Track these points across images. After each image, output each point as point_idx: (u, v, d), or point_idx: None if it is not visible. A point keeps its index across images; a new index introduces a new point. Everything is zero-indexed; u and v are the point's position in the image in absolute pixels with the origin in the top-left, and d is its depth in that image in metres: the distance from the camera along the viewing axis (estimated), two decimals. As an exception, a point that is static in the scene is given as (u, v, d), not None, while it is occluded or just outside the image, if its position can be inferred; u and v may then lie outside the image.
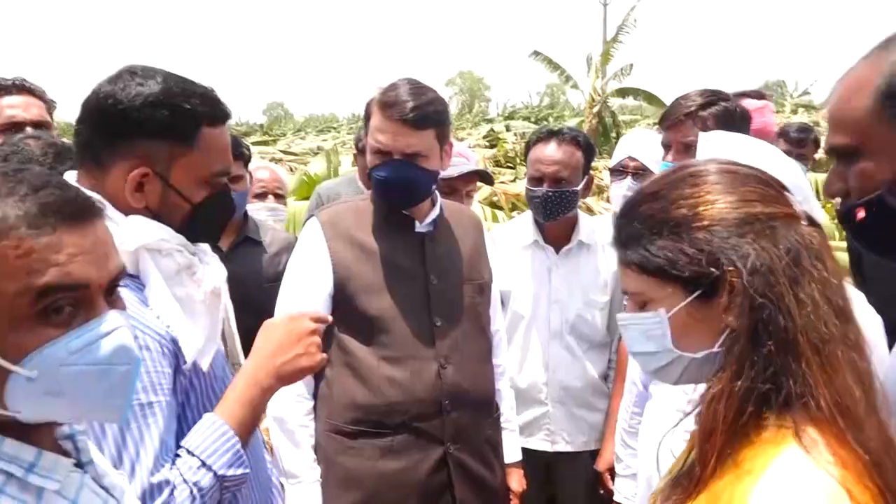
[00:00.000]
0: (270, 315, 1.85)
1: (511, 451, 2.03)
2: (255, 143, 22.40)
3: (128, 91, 1.16)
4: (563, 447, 2.33)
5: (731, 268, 0.87)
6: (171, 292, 1.16)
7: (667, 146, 2.02)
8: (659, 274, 0.92)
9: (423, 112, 1.72)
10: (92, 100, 1.19)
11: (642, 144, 2.52)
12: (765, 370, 0.84)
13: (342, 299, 1.78)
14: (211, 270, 1.24)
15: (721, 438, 0.85)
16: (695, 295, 0.90)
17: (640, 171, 2.43)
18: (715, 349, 0.91)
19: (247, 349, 2.14)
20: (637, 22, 15.65)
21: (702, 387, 0.93)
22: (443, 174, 1.92)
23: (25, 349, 0.76)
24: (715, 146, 1.68)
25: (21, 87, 2.31)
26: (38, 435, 0.81)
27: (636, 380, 1.90)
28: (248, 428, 1.20)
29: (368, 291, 1.77)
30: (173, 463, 1.12)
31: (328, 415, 1.80)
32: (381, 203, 1.84)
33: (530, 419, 2.31)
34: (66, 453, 0.83)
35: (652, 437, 1.76)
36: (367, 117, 1.79)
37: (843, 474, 0.78)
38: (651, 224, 0.93)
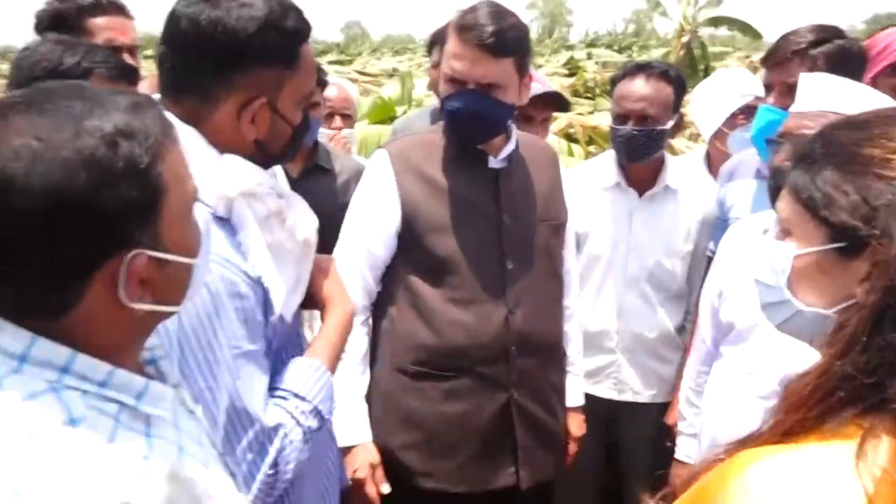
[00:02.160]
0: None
1: (573, 395, 1.98)
2: (331, 63, 22.36)
3: (237, 15, 1.06)
4: (629, 397, 2.27)
5: (883, 237, 0.74)
6: (262, 238, 1.12)
7: (769, 87, 1.84)
8: (810, 207, 0.82)
9: (503, 37, 1.59)
10: (190, 27, 1.07)
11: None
12: (874, 363, 0.71)
13: (409, 238, 1.72)
14: (301, 217, 1.20)
15: (795, 416, 0.74)
16: (834, 246, 0.80)
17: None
18: (830, 312, 0.81)
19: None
20: (738, -56, 14.51)
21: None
22: None
23: (196, 244, 0.84)
24: (814, 91, 1.51)
25: (115, 6, 2.07)
26: (129, 361, 0.81)
27: (705, 337, 1.80)
28: (335, 369, 1.26)
29: (437, 230, 1.70)
30: (279, 405, 1.13)
31: (392, 353, 1.77)
32: (452, 136, 1.75)
33: (598, 366, 2.25)
34: (149, 377, 0.83)
35: (719, 398, 1.68)
36: (443, 42, 1.68)
37: (882, 492, 0.65)
38: (834, 151, 0.82)
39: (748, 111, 2.37)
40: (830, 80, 1.57)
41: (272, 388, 1.16)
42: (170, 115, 0.82)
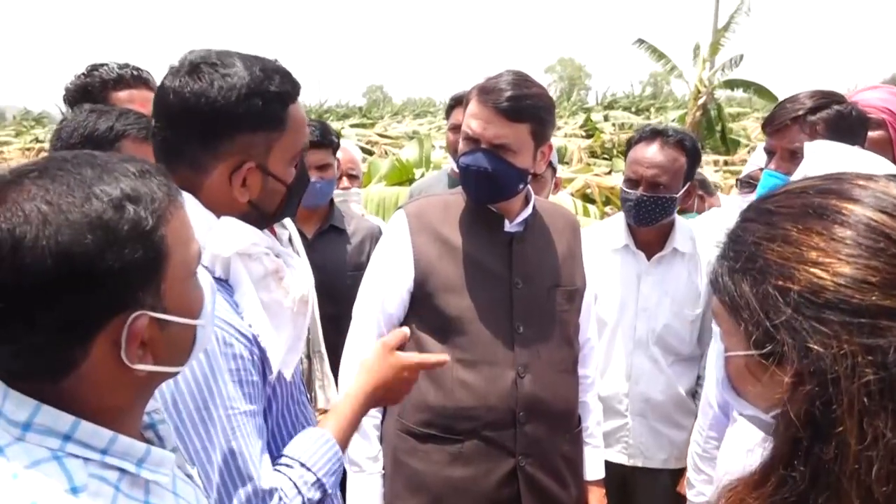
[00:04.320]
0: (352, 303, 1.87)
1: (593, 468, 1.94)
2: (354, 126, 22.90)
3: (218, 86, 1.09)
4: (640, 462, 2.23)
5: (790, 353, 0.66)
6: (258, 298, 1.14)
7: (770, 152, 1.85)
8: (727, 307, 0.74)
9: (519, 104, 1.63)
10: (175, 101, 1.10)
11: None
12: (798, 483, 0.66)
13: (421, 296, 1.74)
14: (298, 276, 1.22)
15: None
16: (751, 353, 0.71)
17: None
18: (766, 418, 0.75)
19: (327, 337, 2.18)
20: (751, 10, 14.80)
21: None
22: None
23: (198, 306, 0.85)
24: (821, 160, 1.53)
25: (139, 80, 2.08)
26: (129, 425, 0.82)
27: (712, 401, 1.77)
28: (346, 446, 1.26)
29: (448, 290, 1.72)
30: (282, 471, 1.14)
31: (399, 413, 1.77)
32: (465, 194, 1.78)
33: (608, 430, 2.21)
34: (148, 442, 0.84)
35: (735, 464, 1.64)
36: (465, 104, 1.73)
37: None
38: (741, 246, 0.73)
39: (749, 183, 2.39)
40: (834, 148, 1.59)
41: (279, 455, 1.17)
42: None
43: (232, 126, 1.11)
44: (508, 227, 1.77)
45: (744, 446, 1.57)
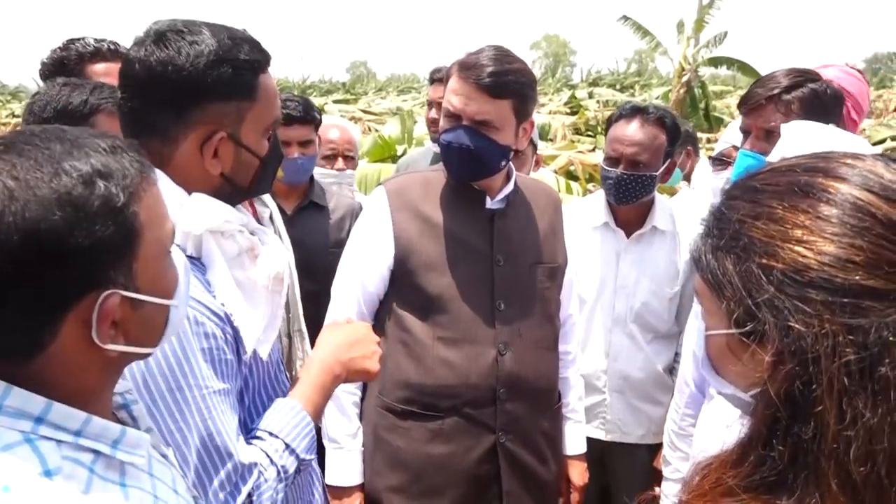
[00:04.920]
0: (331, 280, 1.86)
1: (574, 443, 1.96)
2: (337, 102, 22.67)
3: (185, 53, 1.06)
4: (618, 437, 2.26)
5: (771, 332, 0.65)
6: (232, 276, 1.12)
7: (746, 132, 1.85)
8: (709, 285, 0.73)
9: (501, 80, 1.61)
10: (141, 70, 1.07)
11: None
12: (777, 462, 0.66)
13: (402, 274, 1.73)
14: (273, 253, 1.20)
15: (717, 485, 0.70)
16: (732, 332, 0.71)
17: None
18: (745, 397, 0.74)
19: (307, 314, 2.17)
20: (736, -14, 14.75)
21: None
22: None
23: (172, 286, 0.84)
24: (798, 139, 1.53)
25: (115, 53, 2.06)
26: (100, 405, 0.80)
27: (688, 379, 1.78)
28: (319, 412, 1.25)
29: (429, 268, 1.71)
30: (254, 444, 1.13)
31: (380, 390, 1.77)
32: (446, 171, 1.76)
33: (587, 405, 2.22)
34: (121, 422, 0.83)
35: (709, 442, 1.66)
36: (447, 79, 1.70)
37: None
38: (725, 224, 0.72)
39: (722, 161, 2.40)
40: (811, 127, 1.59)
41: (250, 429, 1.17)
42: None
43: (201, 94, 1.08)
44: (490, 203, 1.76)
45: (721, 423, 1.59)
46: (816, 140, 1.55)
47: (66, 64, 2.01)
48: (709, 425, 1.68)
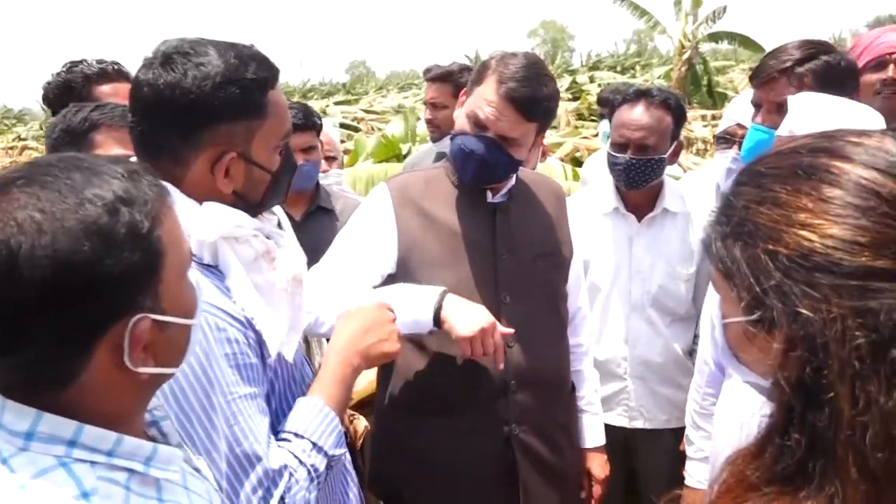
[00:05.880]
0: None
1: (593, 435, 1.95)
2: (338, 103, 22.70)
3: (192, 76, 1.07)
4: (641, 424, 2.24)
5: (779, 318, 0.64)
6: (250, 280, 1.12)
7: (757, 105, 1.83)
8: (721, 272, 0.73)
9: (538, 105, 1.62)
10: (150, 93, 1.09)
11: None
12: (795, 452, 0.65)
13: (406, 271, 1.71)
14: (289, 255, 1.20)
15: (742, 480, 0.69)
16: (745, 319, 0.70)
17: None
18: (763, 382, 0.73)
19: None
20: (732, -40, 14.61)
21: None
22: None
23: (193, 305, 0.85)
24: (807, 112, 1.51)
25: (121, 74, 2.09)
26: (134, 427, 0.82)
27: (707, 359, 1.77)
28: (343, 406, 1.25)
29: (433, 265, 1.70)
30: (282, 446, 1.14)
31: (391, 390, 1.77)
32: (455, 171, 1.75)
33: (608, 394, 2.22)
34: (152, 440, 0.84)
35: (729, 419, 1.65)
36: (477, 80, 1.67)
37: None
38: (732, 211, 0.71)
39: (726, 139, 2.37)
40: (819, 100, 1.57)
41: (276, 432, 1.17)
42: None
43: (209, 116, 1.09)
44: (491, 198, 1.76)
45: (740, 414, 1.58)
46: (824, 112, 1.52)
47: (72, 87, 2.05)
48: (729, 404, 1.67)
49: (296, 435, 1.15)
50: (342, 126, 12.11)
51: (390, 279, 1.72)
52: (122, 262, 0.71)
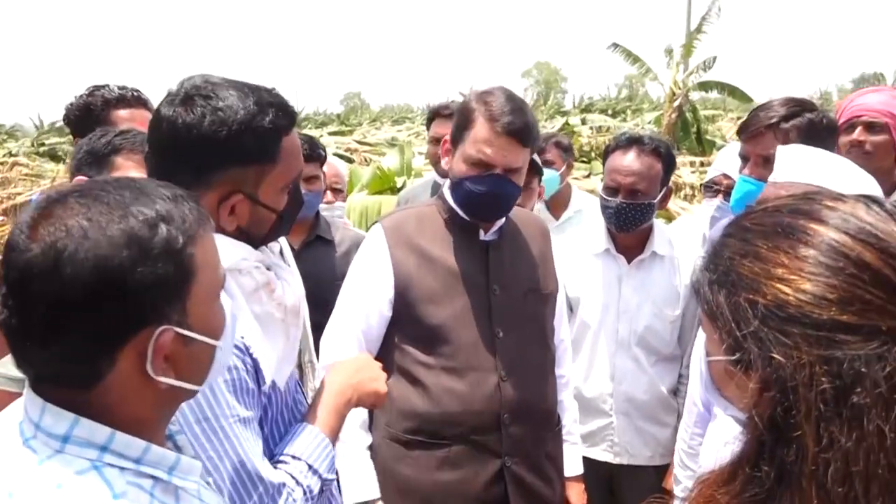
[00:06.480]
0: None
1: (572, 464, 2.01)
2: (332, 134, 22.82)
3: (209, 120, 1.10)
4: (626, 460, 2.29)
5: (755, 361, 0.71)
6: (250, 310, 1.17)
7: (745, 158, 1.92)
8: (706, 314, 0.80)
9: (530, 130, 1.72)
10: (167, 130, 1.13)
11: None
12: (764, 482, 0.71)
13: (402, 307, 1.78)
14: (288, 287, 1.25)
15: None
16: (726, 359, 0.76)
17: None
18: (742, 416, 0.78)
19: (317, 345, 2.22)
20: (721, 11, 15.04)
21: None
22: None
23: (220, 328, 0.89)
24: (793, 163, 1.60)
25: (139, 100, 2.20)
26: (156, 435, 0.87)
27: (696, 400, 1.83)
28: (336, 434, 1.30)
29: (428, 300, 1.76)
30: (279, 468, 1.19)
31: (386, 422, 1.81)
32: (467, 214, 1.81)
33: (594, 429, 2.28)
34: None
35: (715, 460, 1.69)
36: (465, 125, 1.75)
37: None
38: (719, 260, 0.78)
39: (712, 188, 2.49)
40: (806, 152, 1.66)
41: (271, 455, 1.21)
42: None
43: (222, 160, 1.13)
44: (484, 236, 1.83)
45: (721, 440, 1.63)
46: (810, 164, 1.62)
47: (91, 109, 2.15)
48: (712, 442, 1.72)
49: (293, 457, 1.20)
50: (335, 156, 12.20)
51: (393, 311, 1.79)
52: (154, 273, 0.77)
